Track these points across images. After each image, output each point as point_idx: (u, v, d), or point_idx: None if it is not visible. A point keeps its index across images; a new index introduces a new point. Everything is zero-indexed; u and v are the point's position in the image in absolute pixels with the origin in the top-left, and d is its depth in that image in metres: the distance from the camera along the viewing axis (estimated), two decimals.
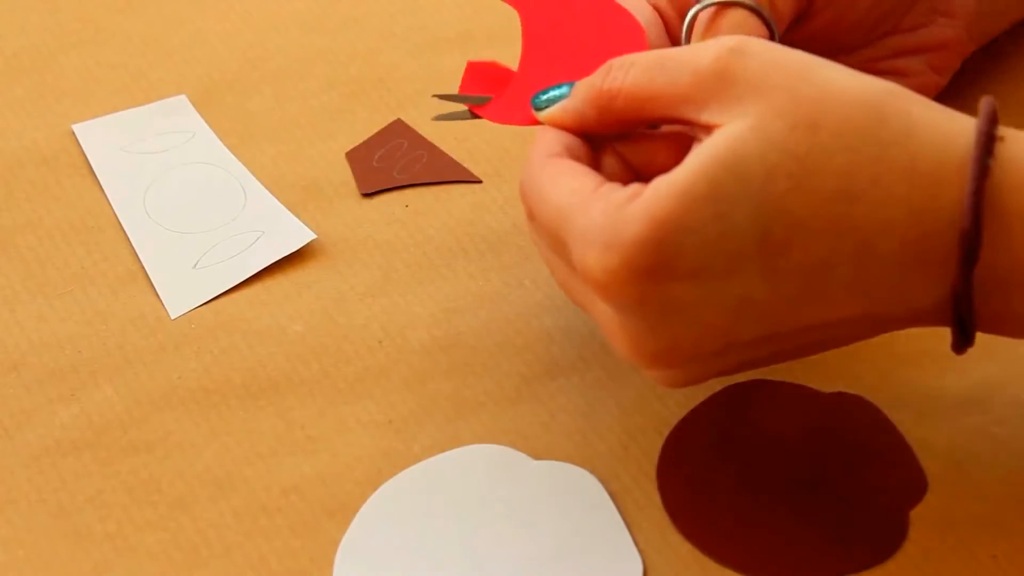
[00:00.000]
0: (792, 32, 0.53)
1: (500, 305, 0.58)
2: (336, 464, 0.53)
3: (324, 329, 0.58)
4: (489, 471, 0.52)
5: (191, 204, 0.64)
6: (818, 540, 0.48)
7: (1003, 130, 0.41)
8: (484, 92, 0.54)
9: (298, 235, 0.62)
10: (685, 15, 0.50)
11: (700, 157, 0.41)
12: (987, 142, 0.40)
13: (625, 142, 0.46)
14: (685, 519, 0.49)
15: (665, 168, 0.42)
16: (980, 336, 0.45)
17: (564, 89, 0.47)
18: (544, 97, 0.48)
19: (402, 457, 0.53)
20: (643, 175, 0.45)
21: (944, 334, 0.45)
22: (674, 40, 0.51)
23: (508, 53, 0.71)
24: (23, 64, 0.72)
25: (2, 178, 0.66)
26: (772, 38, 0.49)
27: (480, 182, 0.65)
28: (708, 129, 0.42)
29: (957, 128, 0.41)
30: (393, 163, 0.67)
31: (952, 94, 0.58)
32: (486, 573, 0.48)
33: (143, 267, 0.61)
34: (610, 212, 0.41)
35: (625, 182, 0.44)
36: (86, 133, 0.68)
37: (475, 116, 0.54)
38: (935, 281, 0.41)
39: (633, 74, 0.44)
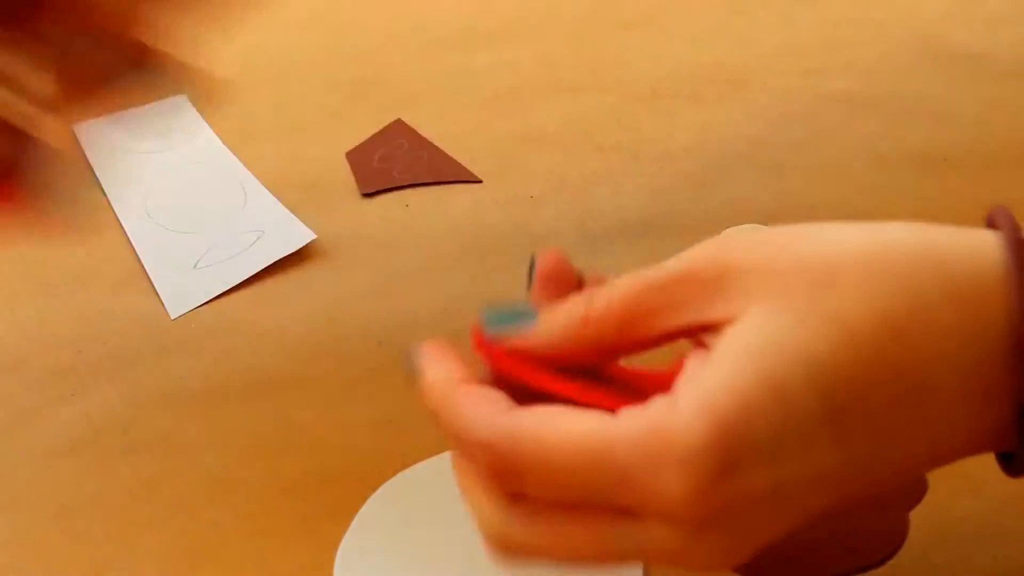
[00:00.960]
0: None
1: None
2: (336, 464, 0.53)
3: (324, 329, 0.58)
4: None
5: (191, 204, 0.64)
6: (818, 541, 0.48)
7: None
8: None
9: (298, 235, 0.62)
10: None
11: (731, 348, 0.38)
12: (1019, 248, 0.39)
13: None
14: None
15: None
16: None
17: (525, 311, 0.42)
18: (498, 315, 0.42)
19: (402, 457, 0.53)
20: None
21: None
22: None
23: (508, 53, 0.71)
24: None
25: None
26: None
27: (480, 182, 0.66)
28: (717, 327, 0.39)
29: (980, 240, 0.40)
30: (393, 163, 0.67)
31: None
32: (486, 573, 0.48)
33: (143, 267, 0.61)
34: (660, 428, 0.37)
35: None
36: (86, 133, 0.68)
37: None
38: (997, 404, 0.39)
39: (620, 296, 0.40)
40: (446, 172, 0.66)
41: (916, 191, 0.64)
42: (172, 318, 0.59)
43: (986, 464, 0.41)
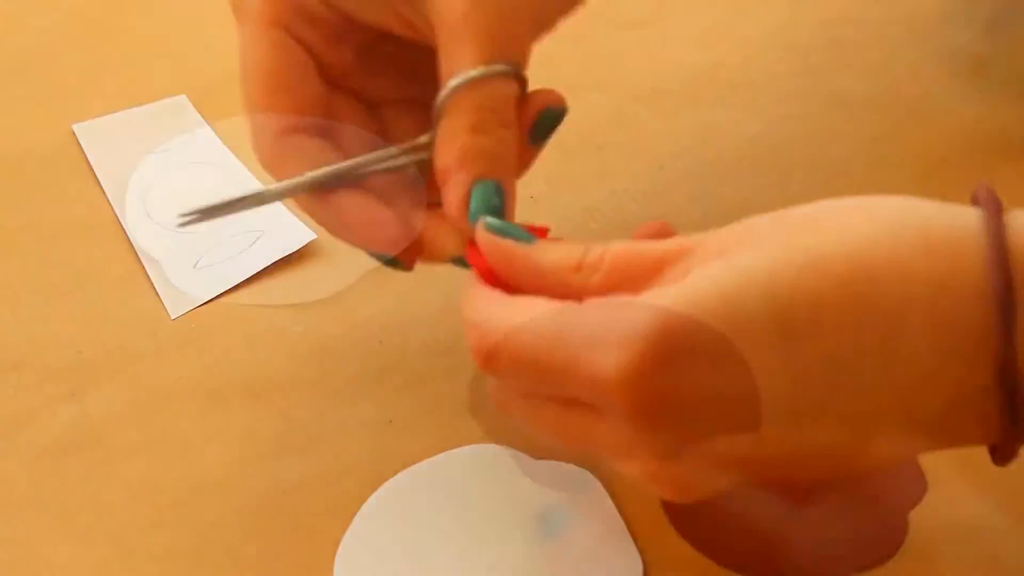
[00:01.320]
0: None
1: None
2: (336, 464, 0.53)
3: (324, 329, 0.58)
4: (489, 471, 0.52)
5: (191, 204, 0.64)
6: (818, 541, 0.48)
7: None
8: None
9: (298, 235, 0.62)
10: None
11: (695, 270, 0.40)
12: (997, 208, 0.39)
13: None
14: (685, 519, 0.49)
15: None
16: None
17: (526, 234, 0.44)
18: (502, 224, 0.44)
19: (402, 457, 0.52)
20: None
21: None
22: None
23: None
24: (23, 64, 0.72)
25: (2, 178, 0.66)
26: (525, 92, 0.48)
27: None
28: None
29: (958, 207, 0.40)
30: None
31: None
32: (486, 573, 0.48)
33: (143, 267, 0.61)
34: (613, 313, 0.39)
35: None
36: (86, 133, 0.68)
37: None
38: (972, 366, 0.39)
39: (612, 256, 0.42)
40: None
41: (916, 191, 0.64)
42: (172, 318, 0.59)
43: (986, 464, 0.41)
